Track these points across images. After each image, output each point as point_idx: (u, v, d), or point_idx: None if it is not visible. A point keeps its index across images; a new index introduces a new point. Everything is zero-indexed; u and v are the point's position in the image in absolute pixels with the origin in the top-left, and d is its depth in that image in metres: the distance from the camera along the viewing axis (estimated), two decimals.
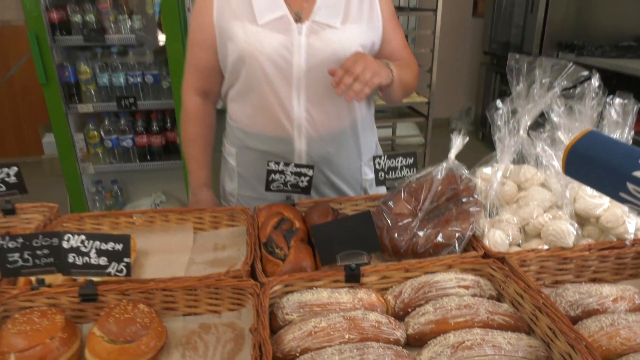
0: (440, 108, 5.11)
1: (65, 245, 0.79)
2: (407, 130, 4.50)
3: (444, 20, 3.19)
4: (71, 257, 0.80)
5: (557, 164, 0.95)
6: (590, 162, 0.64)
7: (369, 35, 1.20)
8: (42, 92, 4.27)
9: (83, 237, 0.80)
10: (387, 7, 1.25)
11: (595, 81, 0.94)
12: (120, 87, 2.50)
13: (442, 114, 5.33)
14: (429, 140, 3.54)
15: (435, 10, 3.06)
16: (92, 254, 0.80)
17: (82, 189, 2.67)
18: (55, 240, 0.80)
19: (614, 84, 3.85)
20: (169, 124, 2.68)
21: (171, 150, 2.72)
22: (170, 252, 1.07)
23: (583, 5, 3.87)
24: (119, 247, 0.81)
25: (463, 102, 5.44)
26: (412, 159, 1.16)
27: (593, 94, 0.94)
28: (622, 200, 0.60)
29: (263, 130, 1.22)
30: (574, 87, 0.99)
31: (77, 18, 2.34)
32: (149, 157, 2.69)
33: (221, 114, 1.37)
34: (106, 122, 2.60)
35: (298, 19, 1.16)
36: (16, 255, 0.80)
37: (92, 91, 2.52)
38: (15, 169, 1.10)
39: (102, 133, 2.60)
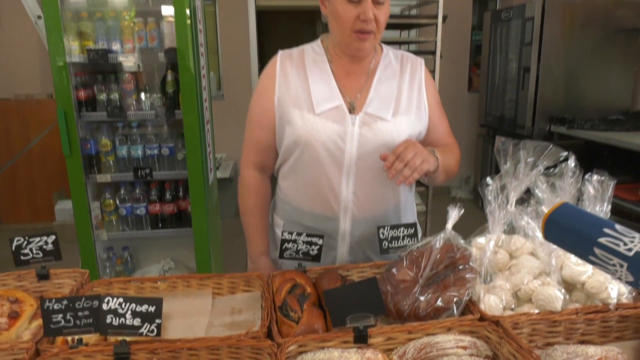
0: None
1: (104, 307, 0.89)
2: None
3: (442, 96, 3.41)
4: (109, 318, 0.89)
5: (540, 234, 1.06)
6: (564, 230, 0.75)
7: (416, 125, 1.32)
8: (58, 162, 4.49)
9: (121, 299, 0.89)
10: (433, 98, 1.38)
11: (571, 162, 1.06)
12: (137, 158, 2.66)
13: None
14: (430, 208, 3.67)
15: None
16: (128, 315, 0.89)
17: (95, 255, 2.76)
18: (95, 303, 0.90)
19: (605, 154, 4.03)
20: (181, 193, 2.81)
21: (182, 218, 2.84)
22: (190, 315, 1.15)
23: (571, 82, 4.13)
24: (151, 309, 0.90)
25: (462, 171, 5.62)
26: (413, 229, 1.27)
27: (570, 173, 1.06)
28: (592, 263, 0.71)
29: (311, 208, 1.32)
30: (555, 166, 1.12)
31: (102, 96, 2.54)
32: (160, 225, 2.80)
33: None
34: (122, 191, 2.74)
35: (352, 109, 1.28)
36: (59, 316, 0.90)
37: (111, 162, 2.68)
38: (53, 237, 1.21)
39: (117, 201, 2.73)
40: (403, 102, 1.31)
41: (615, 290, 1.05)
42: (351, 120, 1.26)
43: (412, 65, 1.37)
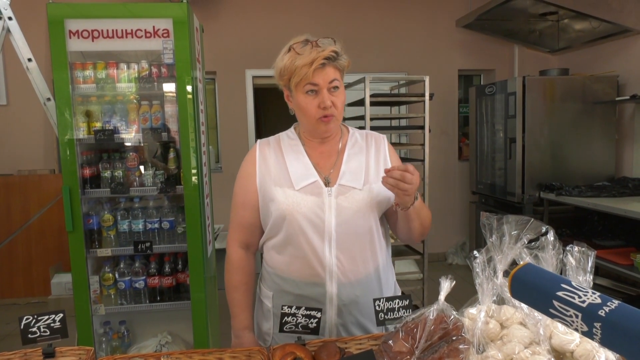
0: (436, 244, 5.36)
1: None
2: (406, 267, 4.67)
3: (434, 165, 3.58)
4: None
5: (526, 306, 1.12)
6: (527, 286, 0.83)
7: (386, 192, 1.43)
8: (56, 236, 4.53)
9: None
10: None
11: (550, 236, 1.14)
12: (138, 232, 2.72)
13: (439, 249, 5.55)
14: (426, 276, 3.70)
15: (423, 160, 3.45)
16: None
17: (92, 330, 2.74)
18: None
19: (595, 219, 4.12)
20: (180, 266, 2.85)
21: (180, 291, 2.85)
22: None
23: (556, 151, 4.31)
24: None
25: (458, 238, 5.68)
26: (407, 300, 1.32)
27: (551, 246, 1.14)
28: (552, 316, 0.77)
29: (299, 276, 1.42)
30: (537, 239, 1.20)
31: (106, 174, 2.64)
32: (158, 298, 2.81)
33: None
34: (121, 265, 2.77)
35: (327, 183, 1.43)
36: None
37: (112, 236, 2.73)
38: (61, 315, 1.25)
39: (116, 275, 2.76)
40: (371, 172, 1.47)
41: (603, 358, 1.09)
42: (327, 192, 1.41)
43: (376, 141, 1.55)
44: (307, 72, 1.33)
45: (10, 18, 2.57)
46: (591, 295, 0.75)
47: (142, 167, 2.70)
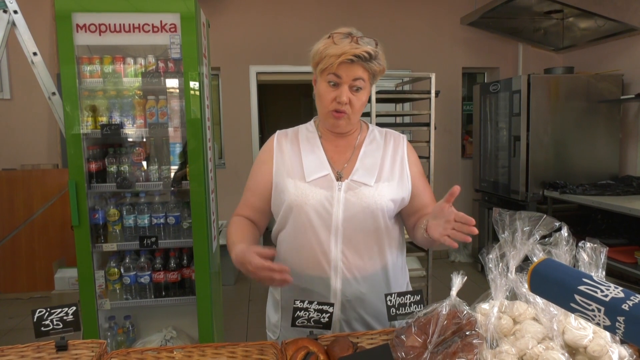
0: None
1: None
2: (409, 264, 4.67)
3: (437, 163, 3.57)
4: None
5: (540, 302, 1.12)
6: (547, 281, 0.83)
7: (398, 192, 1.44)
8: (59, 231, 4.53)
9: None
10: (415, 168, 1.52)
11: (564, 232, 1.15)
12: (144, 227, 2.72)
13: (441, 246, 5.54)
14: (430, 273, 3.71)
15: (428, 158, 3.45)
16: None
17: (97, 324, 2.75)
18: None
19: (599, 217, 4.13)
20: (185, 261, 2.85)
21: (185, 286, 2.86)
22: None
23: (560, 150, 4.31)
24: None
25: None
26: (419, 296, 1.33)
27: (564, 242, 1.14)
28: (573, 310, 0.77)
29: (304, 269, 1.42)
30: (550, 235, 1.20)
31: (112, 168, 2.64)
32: (163, 293, 2.81)
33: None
34: (127, 260, 2.77)
35: (339, 177, 1.43)
36: None
37: (118, 231, 2.73)
38: (73, 308, 1.26)
39: (122, 270, 2.76)
40: (385, 171, 1.46)
41: (617, 353, 1.09)
42: (337, 186, 1.41)
43: (394, 140, 1.54)
44: (332, 62, 1.33)
45: (15, 12, 2.57)
46: (614, 290, 0.75)
47: (148, 162, 2.70)
